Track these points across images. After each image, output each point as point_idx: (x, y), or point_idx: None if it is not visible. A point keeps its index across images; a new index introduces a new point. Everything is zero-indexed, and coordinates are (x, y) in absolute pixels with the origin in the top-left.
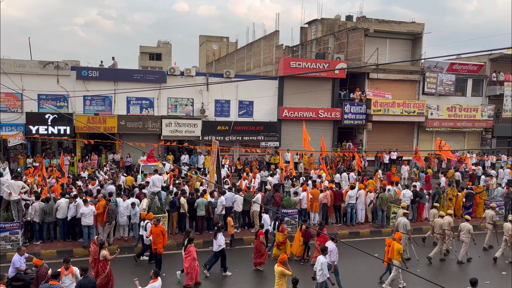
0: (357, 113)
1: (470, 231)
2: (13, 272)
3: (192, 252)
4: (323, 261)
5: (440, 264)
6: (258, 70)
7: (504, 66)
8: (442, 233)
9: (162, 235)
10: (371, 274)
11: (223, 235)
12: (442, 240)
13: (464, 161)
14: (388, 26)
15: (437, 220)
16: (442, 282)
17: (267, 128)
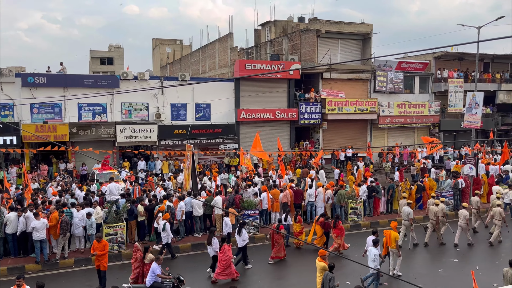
0: (313, 112)
1: (466, 217)
2: (151, 280)
3: (227, 251)
4: (376, 253)
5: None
6: (214, 72)
7: (448, 64)
8: (436, 219)
9: (103, 250)
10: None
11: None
12: (436, 226)
13: (415, 155)
14: (339, 27)
15: (432, 207)
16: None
17: (225, 130)
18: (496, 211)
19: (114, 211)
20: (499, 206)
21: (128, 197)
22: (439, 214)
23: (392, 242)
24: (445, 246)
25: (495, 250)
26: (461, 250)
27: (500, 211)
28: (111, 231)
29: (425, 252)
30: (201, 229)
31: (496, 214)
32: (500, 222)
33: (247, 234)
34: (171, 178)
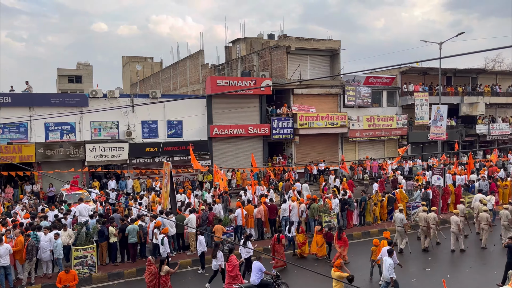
0: (285, 127)
1: (457, 222)
2: (259, 278)
3: (234, 260)
4: (391, 263)
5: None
6: (185, 89)
7: (413, 78)
8: (427, 225)
9: (74, 280)
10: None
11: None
12: (428, 232)
13: (384, 168)
14: (308, 43)
15: (421, 214)
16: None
17: (198, 147)
18: (482, 216)
19: (84, 233)
20: (485, 212)
21: (99, 218)
22: (431, 222)
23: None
24: (427, 253)
25: (468, 257)
26: (437, 257)
27: (487, 216)
28: (81, 253)
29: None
30: (174, 248)
31: (483, 219)
32: (487, 226)
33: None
34: (153, 196)
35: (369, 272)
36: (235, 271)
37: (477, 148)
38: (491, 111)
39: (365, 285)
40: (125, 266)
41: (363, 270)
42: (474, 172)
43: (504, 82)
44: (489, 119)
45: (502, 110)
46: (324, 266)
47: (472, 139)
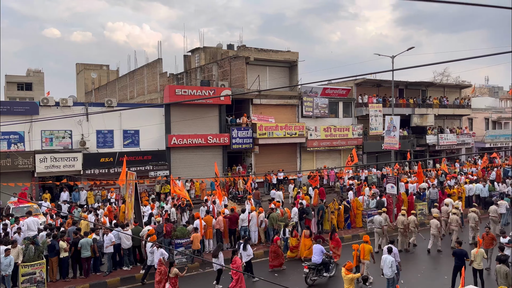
0: (244, 137)
1: (437, 225)
2: (320, 258)
3: (238, 261)
4: (392, 259)
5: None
6: (143, 98)
7: (367, 90)
8: (404, 228)
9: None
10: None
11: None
12: (404, 234)
13: (341, 177)
14: (267, 54)
15: (399, 217)
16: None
17: (155, 157)
18: (453, 218)
19: (33, 248)
20: (455, 214)
21: (50, 232)
22: (411, 225)
23: (366, 254)
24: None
25: (426, 261)
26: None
27: (457, 218)
28: (29, 270)
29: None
30: (130, 262)
31: (453, 221)
32: (457, 227)
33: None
34: (108, 208)
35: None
36: (238, 273)
37: (428, 157)
38: (439, 122)
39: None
40: (77, 282)
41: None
42: (425, 181)
43: (451, 95)
44: (438, 130)
45: (449, 121)
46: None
47: (423, 149)
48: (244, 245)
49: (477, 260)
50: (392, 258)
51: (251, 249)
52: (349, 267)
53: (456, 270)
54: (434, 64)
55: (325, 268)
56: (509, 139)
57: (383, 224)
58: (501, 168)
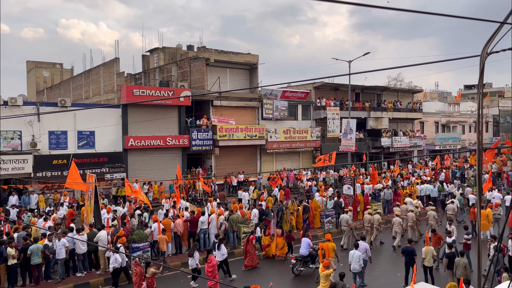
0: (205, 139)
1: (400, 223)
2: (307, 251)
3: (213, 260)
4: (359, 254)
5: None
6: (99, 98)
7: (325, 93)
8: (370, 226)
9: None
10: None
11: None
12: (370, 231)
13: (301, 178)
14: (227, 56)
15: (365, 216)
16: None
17: (112, 159)
18: (409, 216)
19: None
20: (412, 211)
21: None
22: (375, 224)
23: (330, 252)
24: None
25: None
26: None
27: (412, 216)
28: None
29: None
30: (84, 267)
31: (410, 218)
32: (413, 224)
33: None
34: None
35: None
36: (213, 271)
37: (382, 159)
38: (393, 125)
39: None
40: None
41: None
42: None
43: (404, 99)
44: (392, 132)
45: (403, 125)
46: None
47: (378, 151)
48: (218, 244)
49: (427, 257)
50: (360, 253)
51: (225, 248)
52: (325, 264)
53: (407, 267)
54: (389, 69)
55: (311, 260)
56: (457, 141)
57: (349, 222)
58: (450, 169)
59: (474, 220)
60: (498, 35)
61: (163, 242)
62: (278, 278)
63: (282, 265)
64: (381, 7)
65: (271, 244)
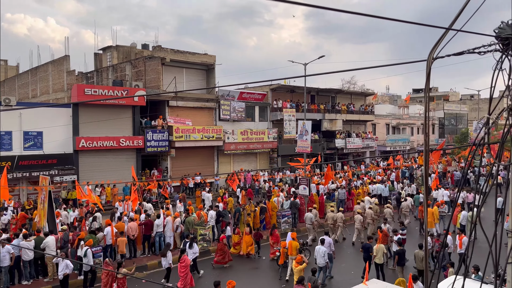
0: (160, 140)
1: (361, 221)
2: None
3: (187, 260)
4: (324, 250)
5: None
6: (47, 97)
7: (282, 95)
8: (333, 223)
9: None
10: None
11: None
12: (334, 228)
13: (258, 179)
14: (184, 56)
15: (328, 214)
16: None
17: (61, 161)
18: (368, 213)
19: None
20: (370, 209)
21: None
22: (338, 221)
23: (293, 250)
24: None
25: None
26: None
27: (371, 213)
28: None
29: None
30: (31, 275)
31: (368, 215)
32: (371, 220)
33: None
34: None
35: (280, 273)
36: (186, 270)
37: (336, 160)
38: (347, 127)
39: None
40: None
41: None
42: (333, 182)
43: (357, 102)
44: (346, 134)
45: (356, 126)
46: (250, 262)
47: (332, 152)
48: (190, 243)
49: (378, 255)
50: (325, 248)
51: (197, 247)
52: (298, 260)
53: (366, 262)
54: (344, 72)
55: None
56: (406, 143)
57: (313, 220)
58: (400, 169)
59: (421, 218)
60: (443, 41)
61: (123, 244)
62: (246, 276)
63: (250, 263)
64: (335, 9)
65: (240, 242)
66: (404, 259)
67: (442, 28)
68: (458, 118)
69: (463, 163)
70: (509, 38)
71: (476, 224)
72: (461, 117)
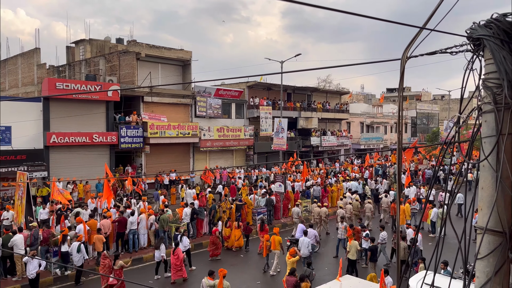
0: (134, 136)
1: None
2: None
3: (180, 253)
4: (308, 241)
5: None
6: (16, 91)
7: (259, 92)
8: (319, 218)
9: None
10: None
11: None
12: (320, 222)
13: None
14: (159, 51)
15: (315, 209)
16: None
17: (31, 157)
18: (367, 207)
19: None
20: (369, 203)
21: None
22: (323, 216)
23: (276, 245)
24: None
25: None
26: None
27: (370, 207)
28: None
29: None
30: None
31: (367, 209)
32: (370, 214)
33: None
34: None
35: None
36: (180, 263)
37: (312, 157)
38: (322, 125)
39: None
40: None
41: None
42: (309, 179)
43: (332, 100)
44: (321, 132)
45: (331, 125)
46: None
47: (308, 150)
48: (181, 237)
49: (351, 251)
50: (308, 240)
51: (187, 240)
52: (291, 252)
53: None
54: (319, 69)
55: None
56: (380, 141)
57: (300, 215)
58: (373, 167)
59: (393, 215)
60: (417, 40)
61: (100, 242)
62: (234, 268)
63: (239, 255)
64: (311, 5)
65: (230, 235)
66: (376, 255)
67: (416, 27)
68: (429, 117)
69: (434, 161)
70: (480, 39)
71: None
72: (433, 116)
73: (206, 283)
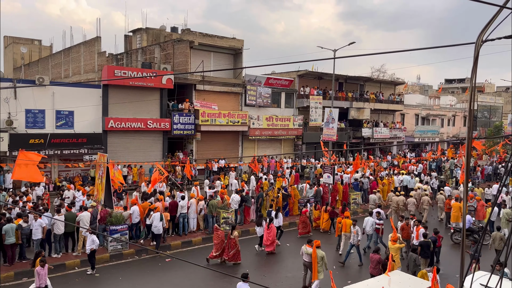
0: (186, 123)
1: (414, 203)
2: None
3: (273, 229)
4: (373, 220)
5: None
6: (79, 77)
7: (309, 82)
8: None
9: None
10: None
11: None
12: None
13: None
14: (212, 40)
15: (394, 197)
16: None
17: (91, 140)
18: (424, 199)
19: None
20: (426, 196)
21: None
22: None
23: (347, 227)
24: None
25: None
26: None
27: (428, 199)
28: None
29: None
30: (61, 248)
31: (425, 202)
32: (428, 206)
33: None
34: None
35: (337, 245)
36: (273, 237)
37: (362, 149)
38: (375, 116)
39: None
40: (1, 270)
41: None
42: (359, 171)
43: (386, 91)
44: (373, 123)
45: (384, 116)
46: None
47: (359, 141)
48: (276, 213)
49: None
50: (373, 219)
51: (281, 217)
52: (394, 238)
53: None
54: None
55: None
56: (436, 134)
57: (377, 202)
58: (427, 161)
59: (448, 211)
60: (495, 21)
61: (166, 219)
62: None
63: (326, 235)
64: None
65: (320, 217)
66: (428, 251)
67: (494, 5)
68: (492, 110)
69: (495, 157)
70: None
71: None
72: (496, 109)
73: (305, 250)
